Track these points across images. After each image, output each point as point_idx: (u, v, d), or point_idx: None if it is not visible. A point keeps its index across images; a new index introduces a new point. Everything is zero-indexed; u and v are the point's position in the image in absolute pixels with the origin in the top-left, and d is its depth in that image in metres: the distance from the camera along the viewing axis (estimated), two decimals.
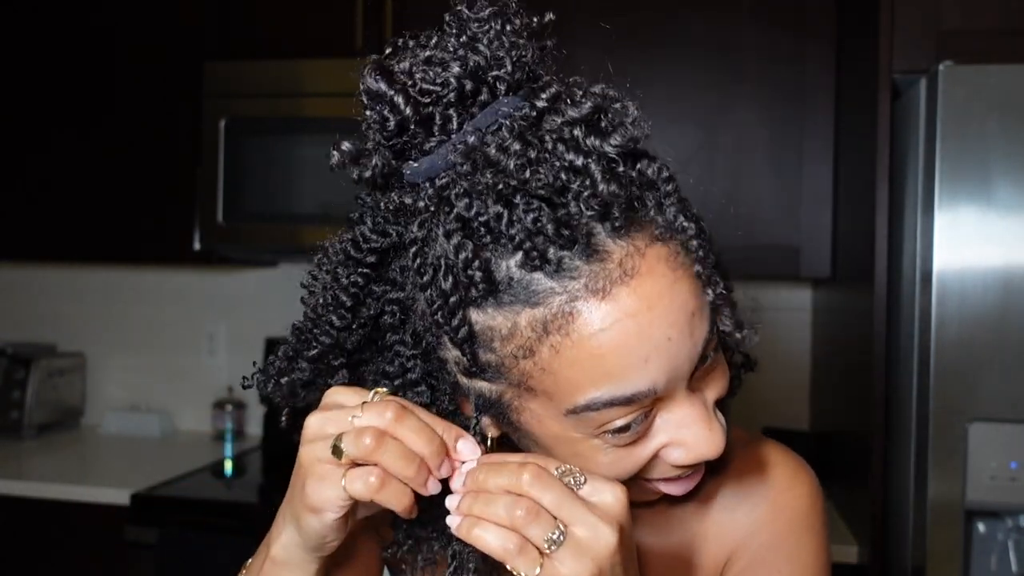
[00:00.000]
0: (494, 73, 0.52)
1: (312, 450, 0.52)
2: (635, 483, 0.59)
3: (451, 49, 0.52)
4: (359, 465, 0.50)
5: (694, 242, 0.54)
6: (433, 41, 0.53)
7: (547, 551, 0.48)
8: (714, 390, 0.57)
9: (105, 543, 1.91)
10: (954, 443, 1.44)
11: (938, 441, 1.44)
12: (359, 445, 0.49)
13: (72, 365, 2.61)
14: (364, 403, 0.52)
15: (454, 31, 0.52)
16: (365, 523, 0.67)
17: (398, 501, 0.50)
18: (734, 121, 1.99)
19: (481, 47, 0.51)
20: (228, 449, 2.37)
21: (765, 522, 0.69)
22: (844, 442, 1.86)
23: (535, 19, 0.53)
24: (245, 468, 2.25)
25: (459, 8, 0.52)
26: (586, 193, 0.49)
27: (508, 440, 0.61)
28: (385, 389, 0.54)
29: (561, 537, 0.48)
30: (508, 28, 0.52)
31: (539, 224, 0.49)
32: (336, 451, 0.50)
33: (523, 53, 0.52)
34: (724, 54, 1.98)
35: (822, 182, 1.96)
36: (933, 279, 1.45)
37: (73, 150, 2.28)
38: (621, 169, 0.51)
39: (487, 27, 0.52)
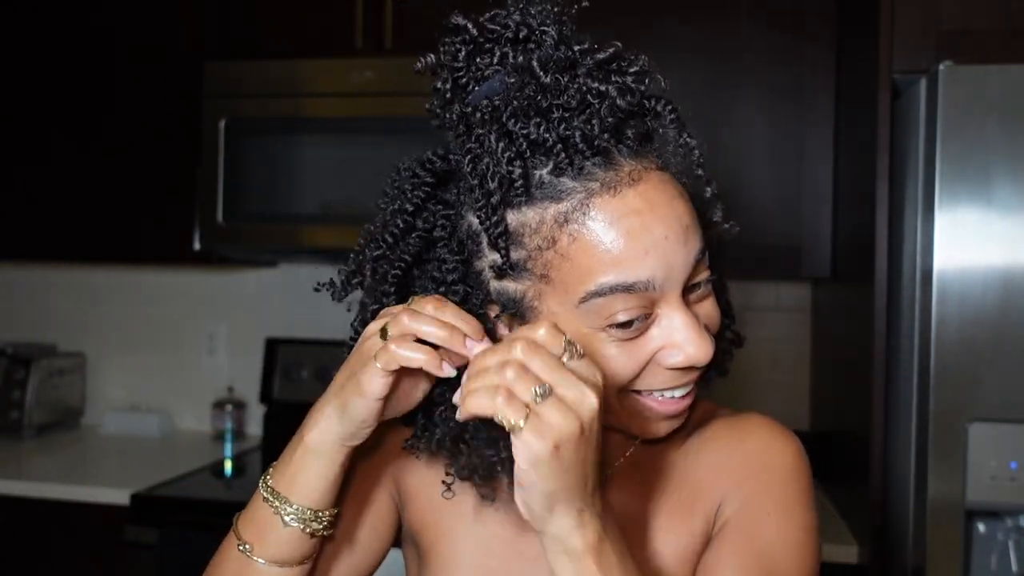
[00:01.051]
0: (542, 28, 0.65)
1: (365, 343, 0.64)
2: (639, 410, 0.69)
3: (510, 10, 0.66)
4: None
5: (696, 152, 0.68)
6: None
7: (533, 403, 0.54)
8: (705, 315, 0.68)
9: (105, 543, 1.91)
10: (954, 443, 1.44)
11: (938, 441, 1.44)
12: (399, 324, 0.61)
13: (72, 365, 2.61)
14: (406, 305, 0.63)
15: (511, 5, 0.66)
16: (381, 467, 0.81)
17: (428, 361, 0.60)
18: (734, 121, 1.99)
19: (533, 11, 0.66)
20: (228, 449, 2.38)
21: (753, 470, 0.74)
22: (844, 442, 1.86)
23: (574, 6, 0.67)
24: (245, 468, 2.24)
25: None
26: (605, 109, 0.62)
27: None
28: (420, 296, 0.64)
29: (547, 392, 0.55)
30: (554, 9, 0.66)
31: (568, 132, 0.62)
32: (383, 334, 0.61)
33: (563, 28, 0.65)
34: (724, 55, 1.98)
35: (822, 182, 1.96)
36: (933, 279, 1.45)
37: (73, 150, 2.28)
38: (634, 87, 0.64)
39: (539, 5, 0.66)
